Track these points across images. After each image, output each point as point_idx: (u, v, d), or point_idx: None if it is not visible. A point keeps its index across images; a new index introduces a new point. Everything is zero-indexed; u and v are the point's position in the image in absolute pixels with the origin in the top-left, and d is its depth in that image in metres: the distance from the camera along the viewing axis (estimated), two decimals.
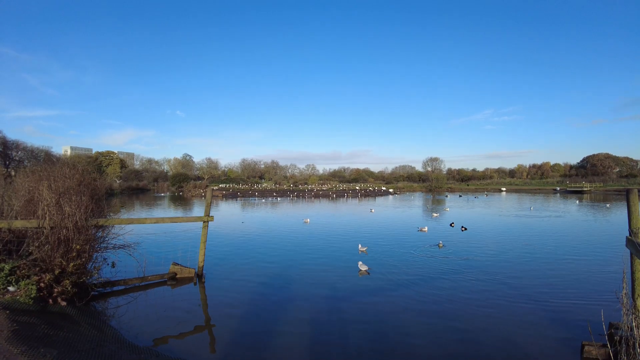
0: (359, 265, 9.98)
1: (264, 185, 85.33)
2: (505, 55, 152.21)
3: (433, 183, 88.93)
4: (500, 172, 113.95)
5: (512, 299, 7.65)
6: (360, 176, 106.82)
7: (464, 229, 18.36)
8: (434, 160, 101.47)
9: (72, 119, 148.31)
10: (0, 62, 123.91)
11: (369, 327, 6.20)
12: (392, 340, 5.75)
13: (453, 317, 6.68)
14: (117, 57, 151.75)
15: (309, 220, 19.54)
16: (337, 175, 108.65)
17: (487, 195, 62.23)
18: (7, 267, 6.19)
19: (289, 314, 6.85)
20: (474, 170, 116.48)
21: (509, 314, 6.83)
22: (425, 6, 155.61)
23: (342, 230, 18.27)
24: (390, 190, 76.09)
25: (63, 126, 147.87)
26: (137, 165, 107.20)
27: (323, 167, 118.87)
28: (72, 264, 6.66)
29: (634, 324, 3.76)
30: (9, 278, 6.16)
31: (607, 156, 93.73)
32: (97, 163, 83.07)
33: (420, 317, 6.67)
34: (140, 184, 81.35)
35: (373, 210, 29.39)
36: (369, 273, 9.76)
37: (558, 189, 75.88)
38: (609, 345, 4.27)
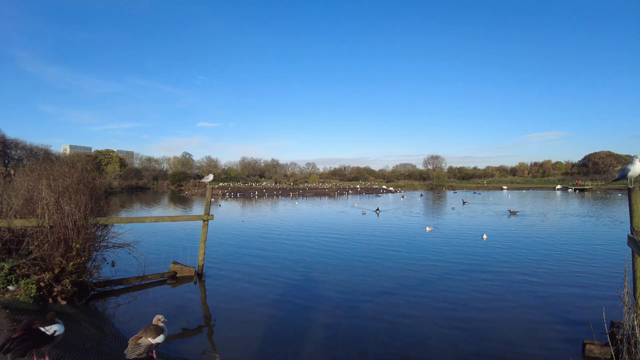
0: None
1: (264, 183, 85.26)
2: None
3: (434, 181, 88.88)
4: (501, 170, 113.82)
5: (513, 297, 7.63)
6: (361, 174, 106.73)
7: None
8: (435, 158, 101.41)
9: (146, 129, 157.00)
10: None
11: (368, 326, 6.19)
12: (388, 337, 5.74)
13: (455, 313, 6.66)
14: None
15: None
16: (337, 174, 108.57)
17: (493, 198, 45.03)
18: (6, 266, 6.18)
19: (289, 312, 6.84)
20: (475, 168, 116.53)
21: (510, 312, 6.82)
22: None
23: (342, 229, 18.25)
24: (391, 188, 76.03)
25: (136, 133, 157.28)
26: (136, 164, 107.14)
27: (324, 166, 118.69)
28: (71, 263, 6.65)
29: (635, 322, 3.74)
30: (8, 277, 6.15)
31: (609, 154, 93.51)
32: (97, 162, 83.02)
33: (421, 316, 6.66)
34: (140, 182, 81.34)
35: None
36: None
37: (559, 186, 75.75)
38: (610, 344, 4.24)
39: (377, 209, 28.17)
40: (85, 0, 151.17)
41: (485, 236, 15.09)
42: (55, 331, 3.63)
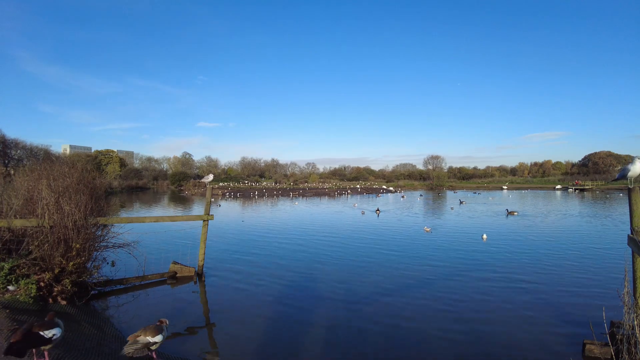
0: None
1: (264, 183, 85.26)
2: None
3: (434, 181, 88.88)
4: (501, 170, 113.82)
5: (513, 297, 7.63)
6: (361, 174, 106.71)
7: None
8: (435, 158, 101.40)
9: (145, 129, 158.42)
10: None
11: (368, 328, 6.19)
12: (386, 338, 5.74)
13: (455, 314, 6.66)
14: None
15: None
16: (337, 174, 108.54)
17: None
18: (7, 266, 6.17)
19: (289, 313, 6.84)
20: (475, 168, 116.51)
21: (510, 312, 6.82)
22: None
23: (341, 230, 18.25)
24: (391, 188, 76.06)
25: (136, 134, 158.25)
26: (136, 163, 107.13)
27: (324, 166, 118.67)
28: (71, 263, 6.65)
29: (635, 322, 3.74)
30: (8, 277, 6.15)
31: (609, 154, 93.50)
32: (97, 162, 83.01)
33: (420, 318, 6.66)
34: (140, 182, 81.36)
35: None
36: None
37: (559, 186, 75.79)
38: (610, 344, 4.24)
39: (377, 210, 28.14)
40: (85, 0, 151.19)
41: (485, 236, 15.09)
42: (53, 335, 3.70)
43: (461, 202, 37.32)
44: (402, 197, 49.97)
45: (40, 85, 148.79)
